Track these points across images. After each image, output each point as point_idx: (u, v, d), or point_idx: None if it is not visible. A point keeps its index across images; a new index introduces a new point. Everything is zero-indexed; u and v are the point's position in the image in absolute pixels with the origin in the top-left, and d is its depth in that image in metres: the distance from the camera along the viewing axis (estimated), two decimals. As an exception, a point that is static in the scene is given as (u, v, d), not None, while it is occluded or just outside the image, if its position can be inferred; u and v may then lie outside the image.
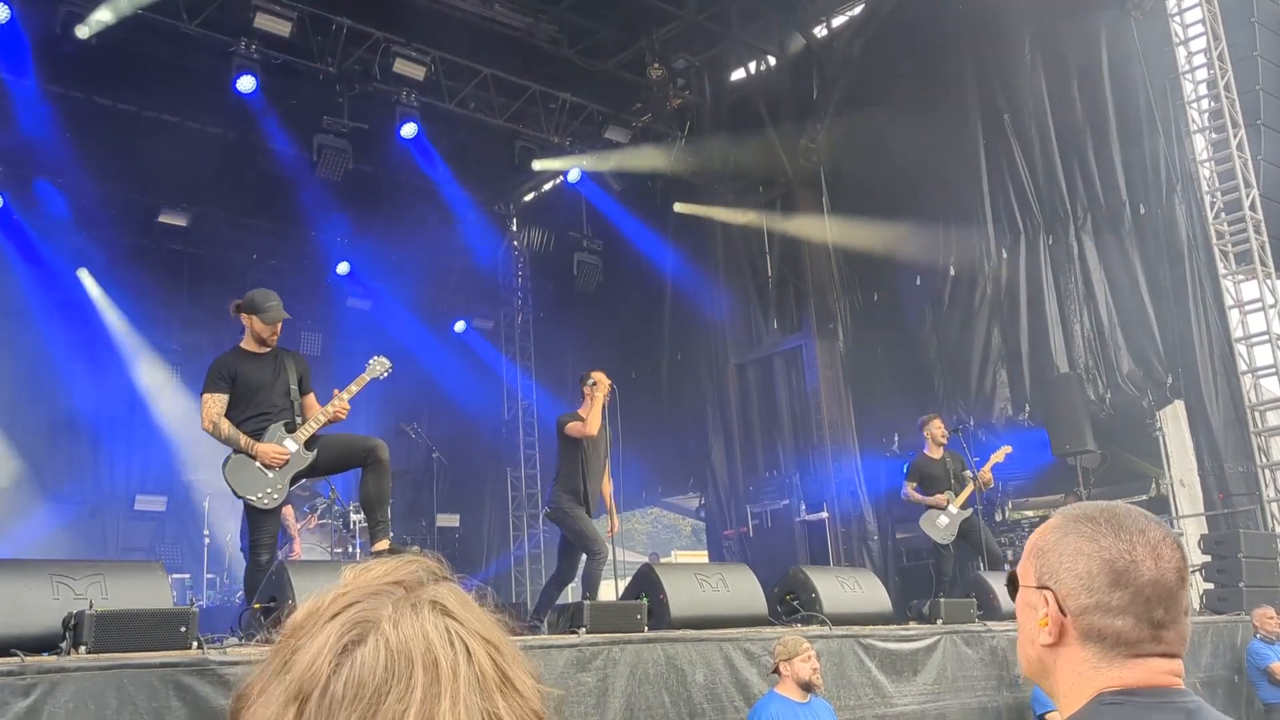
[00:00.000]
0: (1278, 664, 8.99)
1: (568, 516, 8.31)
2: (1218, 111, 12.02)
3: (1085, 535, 1.52)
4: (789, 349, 16.05)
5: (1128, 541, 1.49)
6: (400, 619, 0.97)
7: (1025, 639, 1.56)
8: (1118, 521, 1.52)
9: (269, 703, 0.96)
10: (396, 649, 0.95)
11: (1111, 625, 1.46)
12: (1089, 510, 1.56)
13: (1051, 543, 1.55)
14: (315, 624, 0.99)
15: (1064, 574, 1.50)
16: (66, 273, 14.06)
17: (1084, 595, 1.48)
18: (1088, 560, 1.49)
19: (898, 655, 7.17)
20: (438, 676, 0.94)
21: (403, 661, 0.94)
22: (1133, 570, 1.47)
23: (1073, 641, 1.49)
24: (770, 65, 16.03)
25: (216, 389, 6.19)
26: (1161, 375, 12.31)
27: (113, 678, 4.15)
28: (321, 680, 0.94)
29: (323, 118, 13.07)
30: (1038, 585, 1.53)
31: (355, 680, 0.93)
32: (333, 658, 0.95)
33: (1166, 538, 1.52)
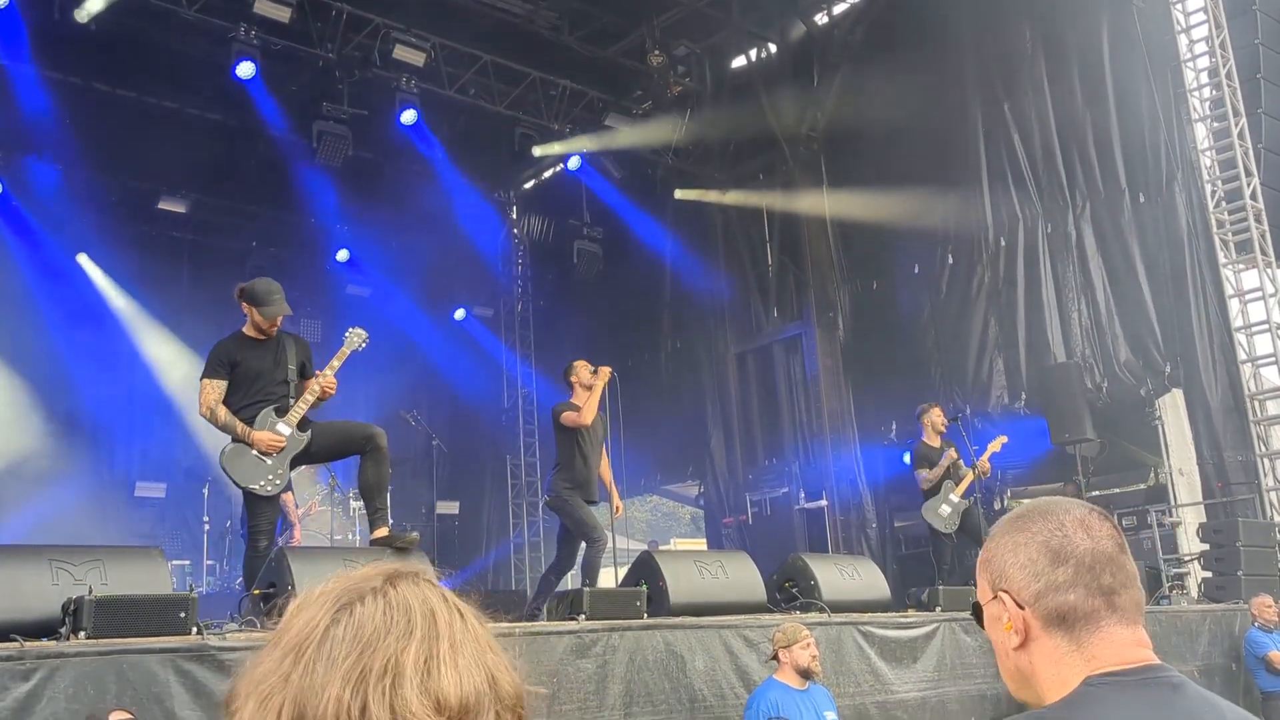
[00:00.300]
0: (1275, 652, 9.00)
1: (567, 505, 8.33)
2: (1219, 100, 11.99)
3: (1018, 529, 1.59)
4: (789, 337, 16.06)
5: (1056, 522, 1.56)
6: (397, 585, 1.01)
7: (1001, 655, 1.60)
8: (1043, 509, 1.60)
9: (261, 660, 0.99)
10: (395, 603, 0.98)
11: (1065, 601, 1.51)
12: (1016, 511, 1.64)
13: (993, 550, 1.61)
14: (307, 605, 1.02)
15: (1010, 570, 1.56)
16: (66, 259, 14.04)
17: (1033, 582, 1.53)
18: (1025, 549, 1.56)
19: (897, 643, 7.19)
20: (435, 623, 0.97)
21: (400, 610, 0.98)
22: (1068, 545, 1.54)
23: (1039, 634, 1.53)
24: (771, 52, 15.99)
25: (215, 375, 6.17)
26: (1160, 364, 12.31)
27: (112, 663, 4.16)
28: (319, 632, 0.97)
29: (322, 104, 13.03)
30: (993, 595, 1.59)
31: (355, 625, 0.97)
32: (329, 616, 0.98)
33: (1093, 512, 1.59)
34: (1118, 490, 12.78)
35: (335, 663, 0.94)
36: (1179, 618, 9.27)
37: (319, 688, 0.94)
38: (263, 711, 0.96)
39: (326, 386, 6.33)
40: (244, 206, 15.73)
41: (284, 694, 0.95)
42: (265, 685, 0.96)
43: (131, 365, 14.05)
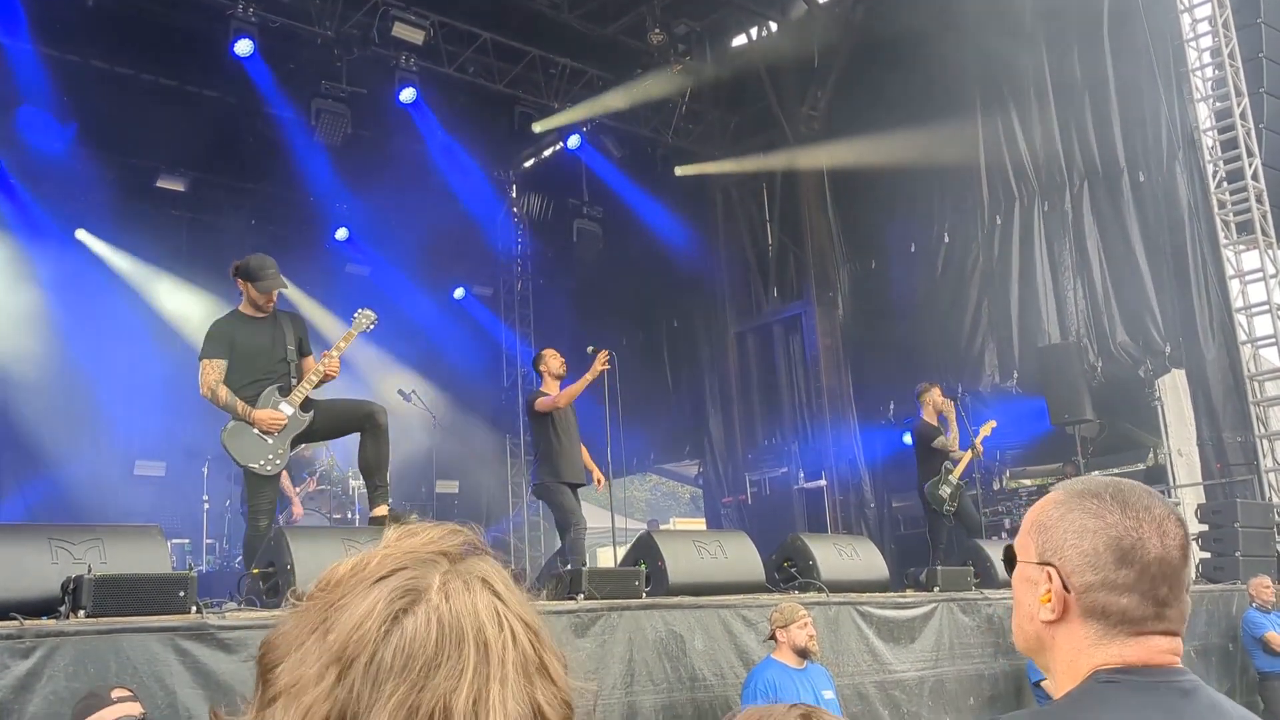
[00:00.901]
0: (1273, 633, 9.03)
1: (549, 492, 8.60)
2: (1221, 79, 11.94)
3: (1090, 512, 1.49)
4: (788, 317, 16.05)
5: (1134, 519, 1.47)
6: (451, 592, 0.95)
7: (1023, 614, 1.54)
8: (1123, 498, 1.50)
9: (306, 660, 0.94)
10: (449, 623, 0.93)
11: (1117, 603, 1.45)
12: (1094, 486, 1.54)
13: (1055, 518, 1.52)
14: (360, 584, 0.97)
15: (1068, 550, 1.48)
16: (64, 237, 14.00)
17: (1089, 572, 1.46)
18: (1093, 537, 1.47)
19: (895, 623, 7.20)
20: (487, 657, 0.93)
21: (454, 637, 0.92)
22: (1139, 548, 1.45)
23: (1074, 619, 1.47)
24: (771, 30, 15.91)
25: (215, 354, 6.16)
26: (1159, 344, 12.29)
27: (112, 641, 4.16)
28: (369, 646, 0.92)
29: (321, 82, 12.96)
30: (1040, 561, 1.51)
31: (405, 650, 0.91)
32: (382, 623, 0.93)
33: (1171, 515, 1.50)
34: (1116, 471, 12.79)
35: (382, 692, 0.90)
36: (1177, 598, 9.27)
37: (362, 714, 0.90)
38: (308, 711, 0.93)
39: (330, 369, 6.33)
40: (242, 184, 15.68)
41: (326, 708, 0.91)
42: (309, 696, 0.92)
43: (131, 344, 14.01)
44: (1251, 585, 9.35)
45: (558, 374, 8.78)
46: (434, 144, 15.21)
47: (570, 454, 8.64)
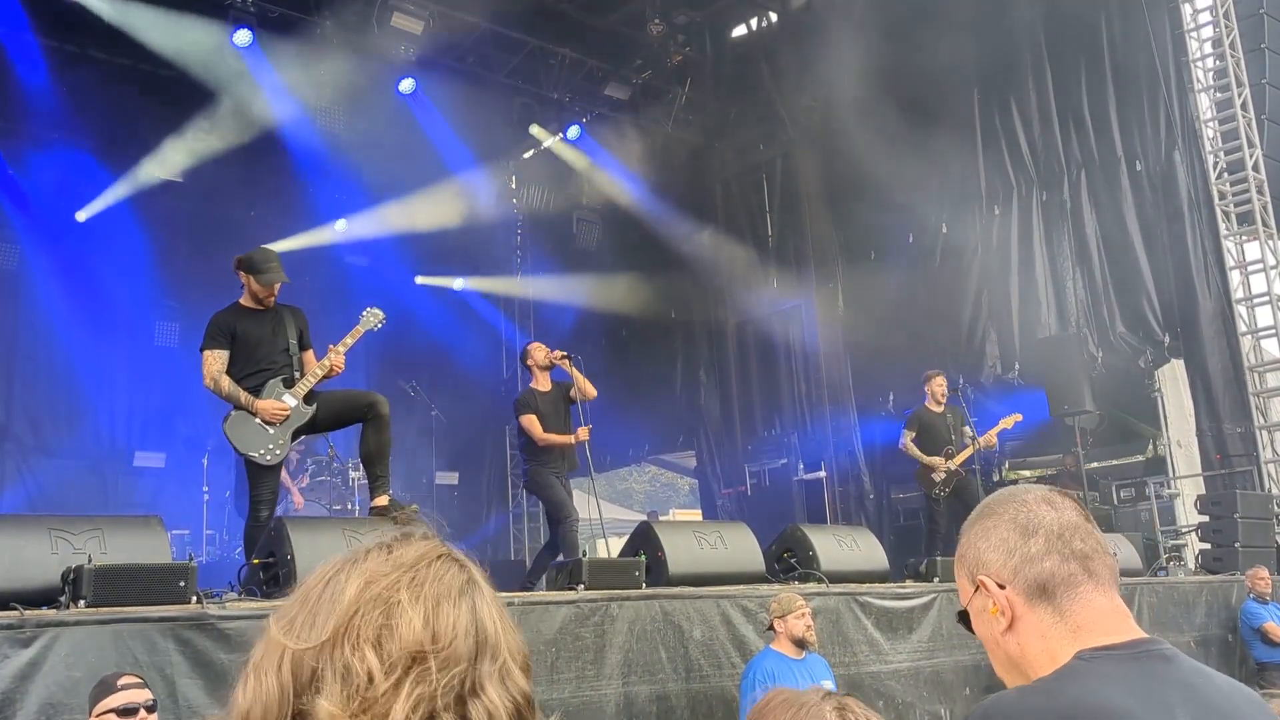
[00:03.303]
0: (1271, 624, 9.06)
1: (540, 487, 8.64)
2: (1222, 70, 11.92)
3: (985, 516, 1.63)
4: (789, 308, 16.04)
5: (1020, 501, 1.61)
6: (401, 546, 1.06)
7: (993, 647, 1.62)
8: (1004, 496, 1.65)
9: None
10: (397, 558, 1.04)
11: (1042, 570, 1.53)
12: (980, 504, 1.68)
13: (965, 545, 1.65)
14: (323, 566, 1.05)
15: (985, 555, 1.59)
16: (63, 227, 13.98)
17: (1008, 559, 1.56)
18: (996, 530, 1.59)
19: (894, 613, 7.22)
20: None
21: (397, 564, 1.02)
22: (1035, 519, 1.57)
23: (1024, 611, 1.54)
24: (772, 22, 15.89)
25: (216, 345, 6.18)
26: (1159, 335, 12.29)
27: (112, 631, 4.18)
28: (324, 580, 1.03)
29: (320, 73, 12.93)
30: (973, 586, 1.61)
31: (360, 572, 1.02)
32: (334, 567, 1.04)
33: (1052, 490, 1.64)
34: (1116, 462, 12.82)
35: (336, 606, 0.98)
36: (1176, 589, 9.31)
37: (318, 632, 0.97)
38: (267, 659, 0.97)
39: (335, 365, 6.36)
40: (242, 175, 15.64)
41: (283, 644, 0.96)
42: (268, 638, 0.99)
43: (130, 335, 14.01)
44: (1250, 576, 9.37)
45: (544, 365, 8.81)
46: (433, 135, 15.18)
47: (559, 448, 8.64)
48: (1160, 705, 1.40)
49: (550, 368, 8.82)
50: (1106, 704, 1.39)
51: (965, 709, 7.29)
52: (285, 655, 0.97)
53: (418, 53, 13.49)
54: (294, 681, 0.96)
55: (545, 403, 8.70)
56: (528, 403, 8.72)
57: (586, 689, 5.50)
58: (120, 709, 3.68)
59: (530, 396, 8.76)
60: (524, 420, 8.66)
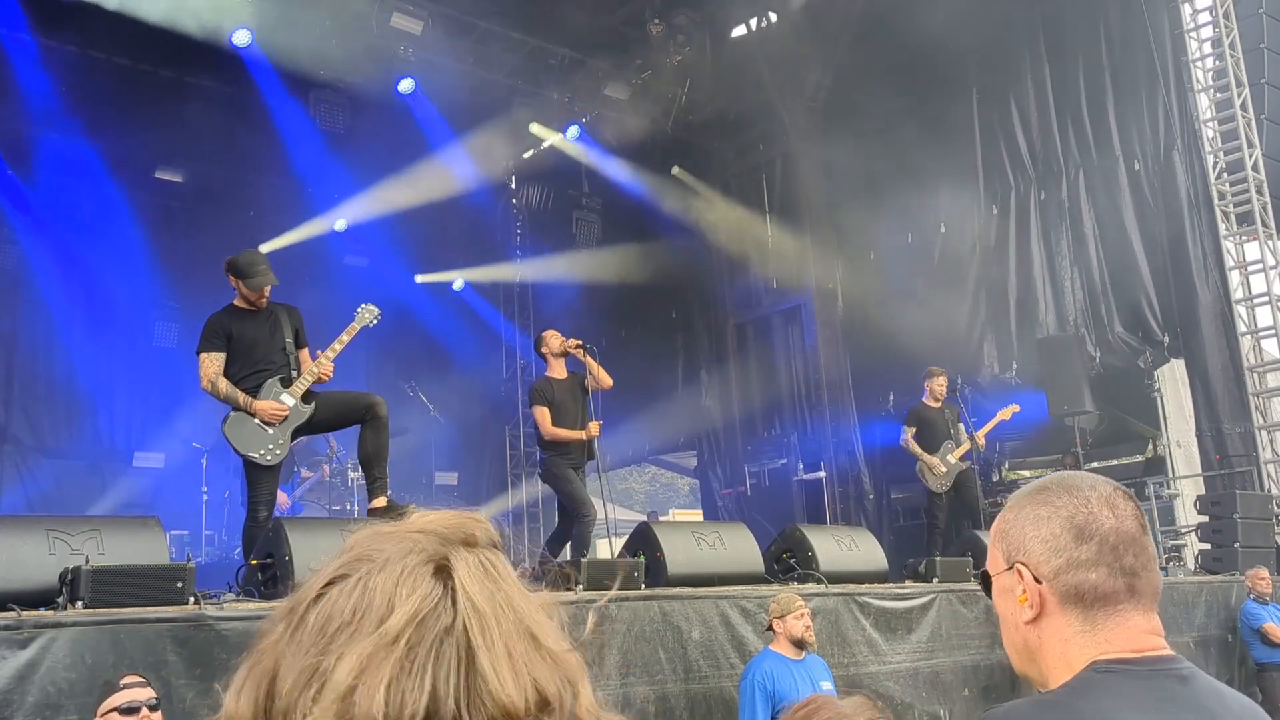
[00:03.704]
0: (1271, 624, 9.05)
1: (557, 479, 8.45)
2: (1222, 70, 11.92)
3: (1040, 502, 1.56)
4: (788, 308, 16.04)
5: (1081, 498, 1.53)
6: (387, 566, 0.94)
7: (1009, 627, 1.57)
8: (1067, 484, 1.57)
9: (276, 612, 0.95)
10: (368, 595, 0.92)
11: (1086, 579, 1.48)
12: (1038, 483, 1.61)
13: (1011, 521, 1.58)
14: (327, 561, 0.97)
15: (1030, 543, 1.53)
16: (63, 229, 13.97)
17: (1054, 557, 1.50)
18: (1049, 523, 1.52)
19: (893, 613, 7.21)
20: (384, 634, 0.90)
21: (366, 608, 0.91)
22: (1093, 522, 1.50)
23: (1054, 610, 1.50)
24: (772, 22, 15.87)
25: (212, 347, 6.18)
26: (1158, 335, 12.29)
27: (109, 632, 4.17)
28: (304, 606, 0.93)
29: (319, 72, 12.94)
30: (1008, 565, 1.56)
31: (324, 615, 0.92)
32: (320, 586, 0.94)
33: (1118, 490, 1.56)
34: (1116, 462, 12.81)
35: (300, 650, 0.91)
36: (1175, 589, 9.30)
37: (286, 669, 0.91)
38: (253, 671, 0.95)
39: (323, 373, 6.35)
40: (241, 175, 15.63)
41: (271, 660, 0.93)
42: (263, 643, 0.95)
43: (129, 336, 14.01)
44: (1249, 577, 9.37)
45: (559, 353, 8.59)
46: (432, 134, 15.18)
47: (573, 440, 8.43)
48: None
49: (565, 355, 8.61)
50: None
51: (964, 709, 7.29)
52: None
53: (417, 52, 13.48)
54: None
55: (560, 391, 8.50)
56: (542, 392, 8.49)
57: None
58: (123, 707, 3.70)
59: (545, 385, 8.54)
60: (535, 412, 8.47)
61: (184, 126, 13.68)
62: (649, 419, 16.83)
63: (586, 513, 8.20)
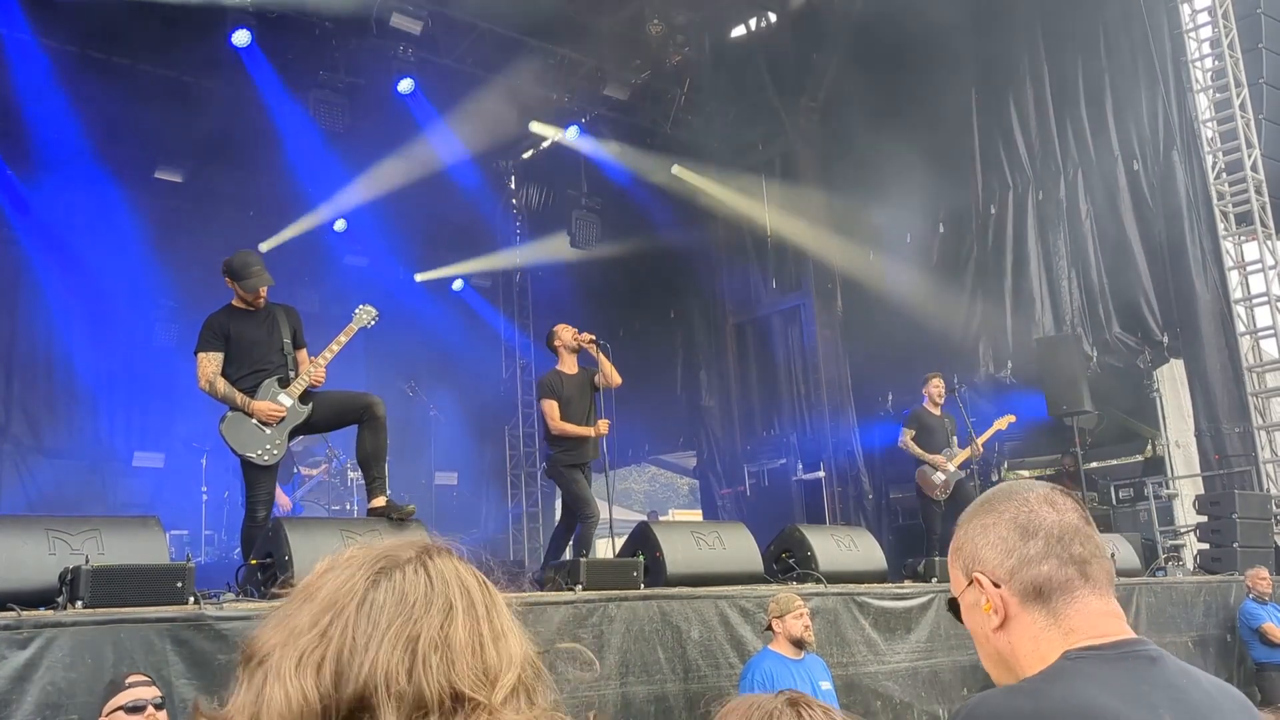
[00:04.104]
0: (1270, 624, 9.05)
1: (562, 478, 8.42)
2: (1220, 70, 11.92)
3: (984, 512, 1.62)
4: (787, 308, 16.05)
5: (1021, 499, 1.60)
6: (434, 558, 1.07)
7: (981, 642, 1.61)
8: (1007, 492, 1.64)
9: (296, 618, 1.01)
10: (435, 576, 1.04)
11: (1040, 573, 1.53)
12: (979, 499, 1.67)
13: (962, 538, 1.63)
14: (338, 567, 1.06)
15: (982, 552, 1.59)
16: (63, 229, 13.98)
17: (1005, 559, 1.56)
18: (995, 528, 1.58)
19: (892, 613, 7.22)
20: (474, 603, 1.05)
21: (440, 585, 1.04)
22: (1035, 519, 1.57)
23: (1017, 611, 1.54)
24: (771, 22, 15.89)
25: (210, 347, 6.19)
26: (1157, 335, 12.29)
27: (109, 632, 4.17)
28: (358, 593, 1.01)
29: (319, 72, 12.94)
30: (967, 581, 1.60)
31: (397, 592, 1.02)
32: (366, 578, 1.03)
33: (1055, 489, 1.62)
34: (1115, 462, 12.81)
35: (378, 626, 0.98)
36: (1174, 589, 9.31)
37: (360, 648, 0.97)
38: (301, 667, 0.98)
39: (316, 378, 6.35)
40: (241, 175, 15.65)
41: (322, 650, 0.98)
42: (303, 640, 0.99)
43: (129, 335, 14.02)
44: (1249, 577, 9.37)
45: (572, 346, 8.53)
46: (432, 134, 15.18)
47: (580, 438, 8.39)
48: (1145, 706, 1.40)
49: (577, 350, 8.57)
50: (1091, 704, 1.39)
51: (963, 709, 7.28)
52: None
53: (416, 53, 13.48)
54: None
55: (569, 386, 8.43)
56: (550, 386, 8.43)
57: (584, 690, 5.50)
58: (128, 706, 3.71)
59: (554, 379, 8.47)
60: (544, 405, 8.42)
61: (184, 127, 13.69)
62: (648, 419, 16.83)
63: (589, 514, 8.19)
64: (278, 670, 0.98)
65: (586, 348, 8.53)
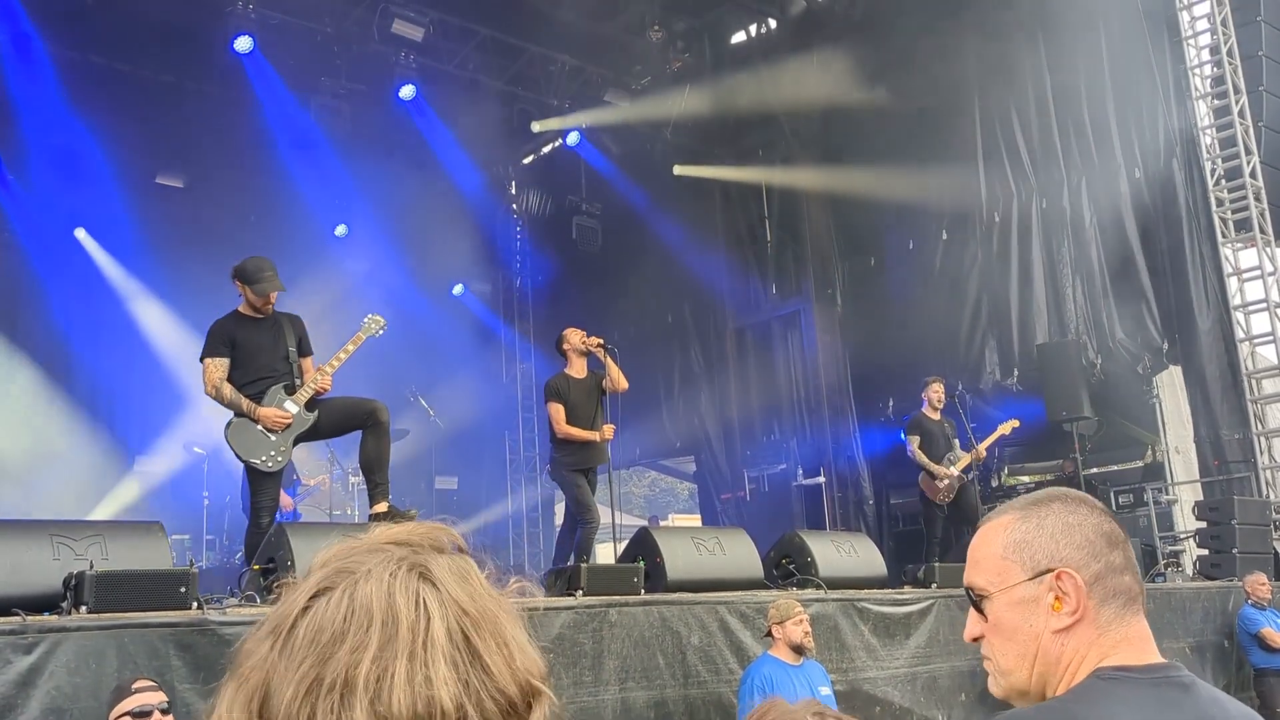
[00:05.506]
0: (1269, 629, 9.07)
1: (565, 482, 8.44)
2: (1220, 77, 11.96)
3: (1062, 512, 1.55)
4: (787, 314, 16.06)
5: (1093, 509, 1.57)
6: (373, 576, 0.96)
7: (1027, 641, 1.52)
8: (1075, 497, 1.58)
9: (252, 634, 0.98)
10: (359, 603, 0.94)
11: (1121, 582, 1.51)
12: (1044, 495, 1.60)
13: (1033, 529, 1.55)
14: (302, 579, 1.00)
15: (1067, 550, 1.51)
16: (64, 234, 14.01)
17: (1092, 562, 1.50)
18: (1080, 531, 1.52)
19: (891, 619, 7.23)
20: (396, 635, 0.92)
21: (362, 615, 0.93)
22: (1114, 532, 1.54)
23: (1090, 617, 1.49)
24: (771, 28, 15.92)
25: (216, 353, 6.20)
26: (1157, 341, 12.32)
27: (113, 637, 4.19)
28: (290, 620, 0.95)
29: (321, 79, 12.98)
30: (1040, 573, 1.51)
31: (315, 626, 0.93)
32: (306, 598, 0.96)
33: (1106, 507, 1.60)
34: (1114, 468, 12.83)
35: (294, 664, 0.92)
36: (1173, 595, 9.32)
37: (280, 683, 0.92)
38: (240, 689, 0.97)
39: (322, 385, 6.37)
40: (242, 181, 15.67)
41: (261, 675, 0.94)
42: (249, 662, 0.96)
43: (131, 340, 14.03)
44: (1248, 582, 9.38)
45: (580, 350, 8.51)
46: (433, 140, 15.22)
47: (584, 443, 8.38)
48: None
49: (586, 354, 8.54)
50: None
51: (962, 714, 7.31)
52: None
53: (418, 59, 13.52)
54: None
55: (576, 390, 8.42)
56: (557, 389, 8.42)
57: (584, 695, 5.52)
58: (135, 711, 3.72)
59: (561, 382, 8.46)
60: (550, 408, 8.42)
61: (185, 132, 13.73)
62: (648, 424, 16.85)
63: (590, 519, 8.19)
64: (225, 699, 0.96)
65: (595, 352, 8.52)
